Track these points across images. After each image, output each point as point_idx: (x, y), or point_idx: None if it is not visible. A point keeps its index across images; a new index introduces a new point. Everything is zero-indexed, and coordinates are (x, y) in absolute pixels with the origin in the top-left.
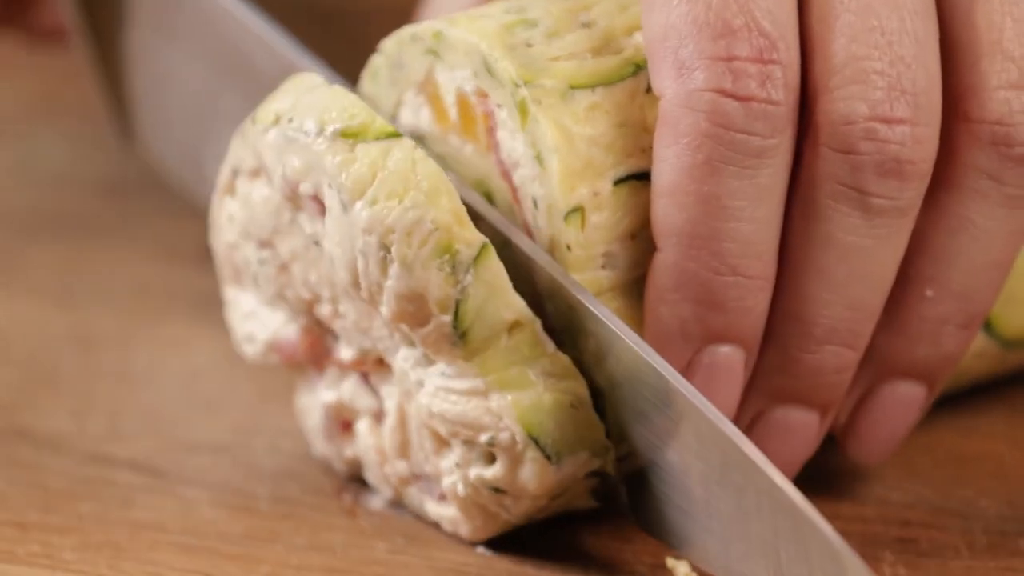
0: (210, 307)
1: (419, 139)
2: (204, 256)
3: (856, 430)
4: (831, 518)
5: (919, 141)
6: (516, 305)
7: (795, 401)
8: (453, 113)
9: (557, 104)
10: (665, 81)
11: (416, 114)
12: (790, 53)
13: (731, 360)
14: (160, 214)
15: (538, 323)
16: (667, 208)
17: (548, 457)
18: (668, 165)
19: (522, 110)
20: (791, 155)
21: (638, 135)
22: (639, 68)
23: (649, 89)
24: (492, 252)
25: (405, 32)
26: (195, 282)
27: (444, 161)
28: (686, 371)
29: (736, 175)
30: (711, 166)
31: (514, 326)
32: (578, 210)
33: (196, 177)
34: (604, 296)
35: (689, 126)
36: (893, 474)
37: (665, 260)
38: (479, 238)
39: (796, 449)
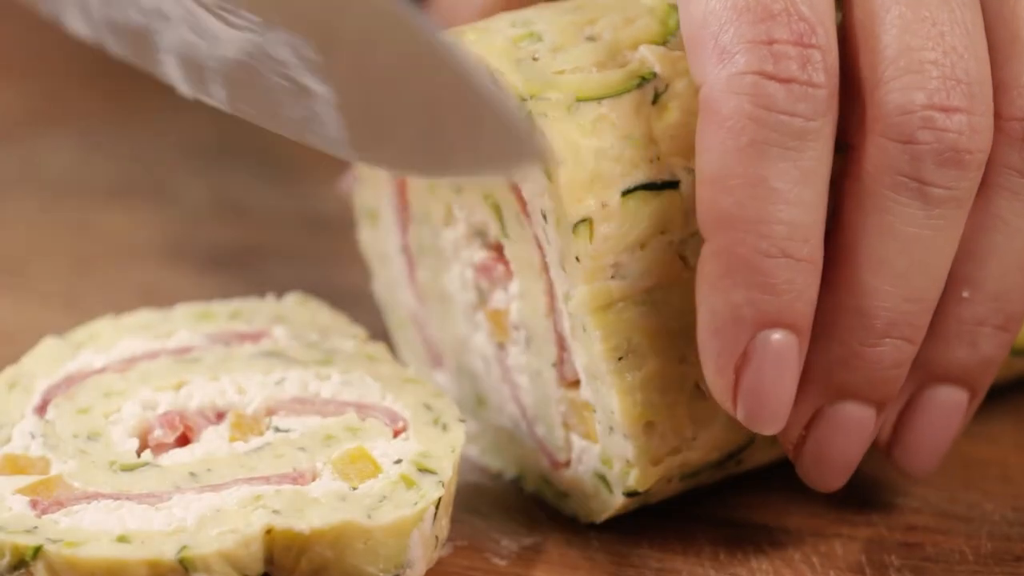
0: None
1: None
2: (210, 261)
3: (902, 440)
4: (837, 523)
5: (976, 130)
6: None
7: (854, 396)
8: None
9: (563, 116)
10: (706, 67)
11: None
12: (828, 39)
13: (785, 346)
14: (166, 219)
15: None
16: (714, 195)
17: None
18: (713, 152)
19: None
20: (832, 141)
21: (646, 146)
22: (644, 80)
23: (655, 100)
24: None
25: None
26: (201, 287)
27: None
28: (741, 360)
29: (781, 156)
30: (756, 148)
31: None
32: (586, 221)
33: None
34: (615, 306)
35: (732, 110)
36: (899, 479)
37: (714, 248)
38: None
39: (854, 445)
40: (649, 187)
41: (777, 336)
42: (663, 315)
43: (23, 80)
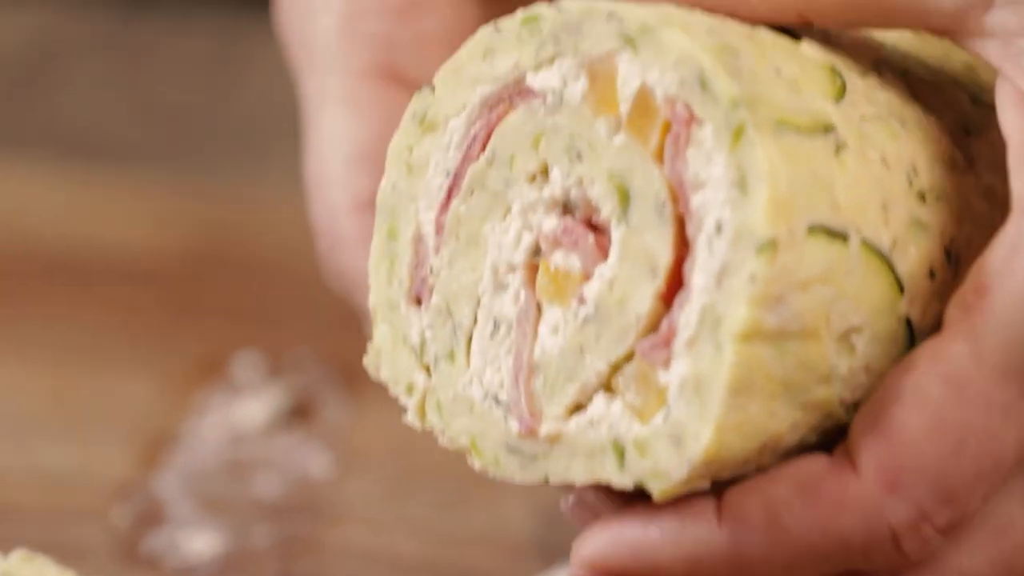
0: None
1: (554, 106)
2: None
3: None
4: None
5: None
6: None
7: None
8: (625, 106)
9: (770, 134)
10: (870, 451)
11: (565, 81)
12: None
13: None
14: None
15: None
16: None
17: None
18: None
19: (736, 133)
20: None
21: (828, 190)
22: (828, 130)
23: (838, 151)
24: None
25: (598, 6)
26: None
27: (571, 139)
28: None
29: None
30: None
31: None
32: (772, 244)
33: None
34: (757, 340)
35: (858, 526)
36: None
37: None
38: None
39: None
40: (828, 231)
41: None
42: (787, 366)
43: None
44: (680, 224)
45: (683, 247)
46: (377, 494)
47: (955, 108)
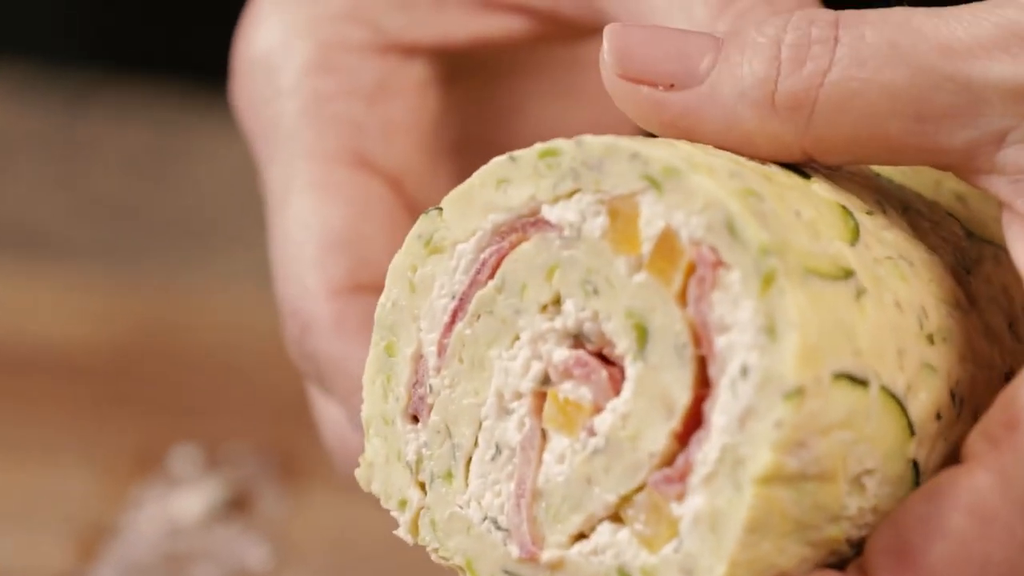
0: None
1: (571, 240)
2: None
3: None
4: None
5: None
6: None
7: None
8: (647, 246)
9: (799, 282)
10: (889, 574)
11: (583, 217)
12: None
13: None
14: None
15: None
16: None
17: None
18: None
19: (766, 280)
20: None
21: (850, 338)
22: (848, 275)
23: (858, 296)
24: None
25: (621, 144)
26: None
27: (587, 274)
28: None
29: None
30: None
31: None
32: (800, 392)
33: None
34: (776, 483)
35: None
36: None
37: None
38: None
39: None
40: (851, 378)
41: None
42: (803, 507)
43: None
44: (700, 364)
45: (702, 387)
46: None
47: (953, 244)
